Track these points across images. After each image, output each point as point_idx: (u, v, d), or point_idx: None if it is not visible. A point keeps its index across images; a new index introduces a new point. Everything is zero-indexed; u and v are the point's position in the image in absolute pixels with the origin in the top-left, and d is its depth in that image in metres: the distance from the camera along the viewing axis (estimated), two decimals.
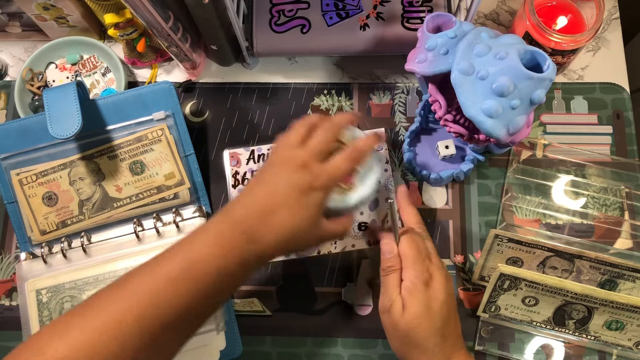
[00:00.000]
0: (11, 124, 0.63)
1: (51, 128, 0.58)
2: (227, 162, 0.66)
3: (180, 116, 0.64)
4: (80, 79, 0.69)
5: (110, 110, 0.64)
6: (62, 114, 0.59)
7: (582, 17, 0.64)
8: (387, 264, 0.54)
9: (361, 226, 0.64)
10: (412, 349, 0.51)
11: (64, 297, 0.59)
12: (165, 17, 0.57)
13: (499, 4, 0.73)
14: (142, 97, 0.64)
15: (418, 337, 0.50)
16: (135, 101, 0.64)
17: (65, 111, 0.59)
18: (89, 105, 0.63)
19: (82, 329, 0.40)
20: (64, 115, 0.58)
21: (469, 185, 0.66)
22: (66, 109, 0.59)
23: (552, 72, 0.50)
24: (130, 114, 0.64)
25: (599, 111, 0.68)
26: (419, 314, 0.50)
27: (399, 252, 0.54)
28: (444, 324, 0.51)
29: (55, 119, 0.58)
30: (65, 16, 0.68)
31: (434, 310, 0.50)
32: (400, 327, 0.50)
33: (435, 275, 0.52)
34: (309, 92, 0.70)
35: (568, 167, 0.65)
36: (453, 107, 0.58)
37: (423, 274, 0.52)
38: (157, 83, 0.64)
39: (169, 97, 0.64)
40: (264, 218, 0.47)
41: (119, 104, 0.64)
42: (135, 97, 0.64)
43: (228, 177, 0.65)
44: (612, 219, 0.63)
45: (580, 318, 0.57)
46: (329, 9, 0.68)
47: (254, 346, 0.61)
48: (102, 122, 0.64)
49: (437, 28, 0.56)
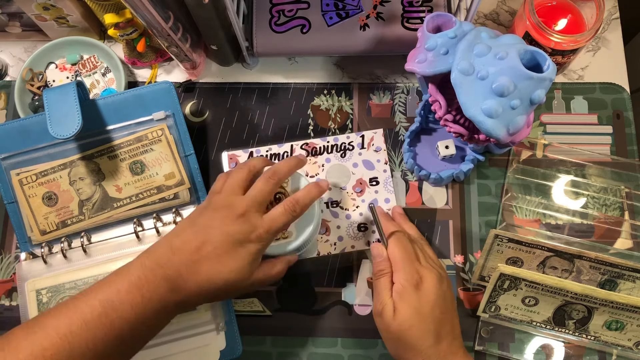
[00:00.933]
0: (11, 124, 0.63)
1: (51, 128, 0.58)
2: (226, 163, 0.66)
3: (180, 116, 0.64)
4: (80, 79, 0.69)
5: (110, 110, 0.64)
6: (62, 114, 0.59)
7: (582, 17, 0.64)
8: (378, 268, 0.54)
9: (360, 227, 0.64)
10: (406, 352, 0.51)
11: (64, 297, 0.59)
12: (165, 17, 0.57)
13: (499, 4, 0.73)
14: (142, 97, 0.64)
15: (411, 339, 0.50)
16: (135, 101, 0.64)
17: (65, 111, 0.59)
18: (89, 105, 0.63)
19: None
20: (64, 116, 0.58)
21: (469, 185, 0.66)
22: (66, 109, 0.59)
23: (552, 72, 0.50)
24: (130, 114, 0.64)
25: (599, 111, 0.68)
26: (409, 317, 0.50)
27: (388, 255, 0.54)
28: (437, 325, 0.51)
29: (55, 119, 0.58)
30: (65, 16, 0.68)
31: (425, 312, 0.50)
32: (392, 330, 0.50)
33: (426, 277, 0.52)
34: (309, 92, 0.70)
35: (568, 167, 0.65)
36: (453, 107, 0.58)
37: (413, 276, 0.52)
38: (157, 83, 0.64)
39: (169, 97, 0.64)
40: (191, 265, 0.45)
41: (119, 103, 0.64)
42: (135, 97, 0.64)
43: None
44: (612, 219, 0.63)
45: (580, 318, 0.57)
46: (329, 9, 0.68)
47: (254, 346, 0.61)
48: (102, 122, 0.64)
49: (437, 28, 0.56)
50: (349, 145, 0.67)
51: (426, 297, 0.51)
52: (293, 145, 0.67)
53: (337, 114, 0.69)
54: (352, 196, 0.65)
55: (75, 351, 0.41)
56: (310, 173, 0.66)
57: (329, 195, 0.65)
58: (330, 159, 0.66)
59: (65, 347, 0.41)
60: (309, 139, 0.67)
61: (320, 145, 0.67)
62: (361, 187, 0.66)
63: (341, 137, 0.67)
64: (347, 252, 0.63)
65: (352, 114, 0.69)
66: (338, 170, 0.66)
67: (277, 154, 0.67)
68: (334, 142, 0.67)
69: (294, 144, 0.67)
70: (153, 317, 0.44)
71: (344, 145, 0.67)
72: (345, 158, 0.66)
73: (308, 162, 0.66)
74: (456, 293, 0.62)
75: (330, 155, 0.67)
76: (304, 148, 0.67)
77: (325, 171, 0.66)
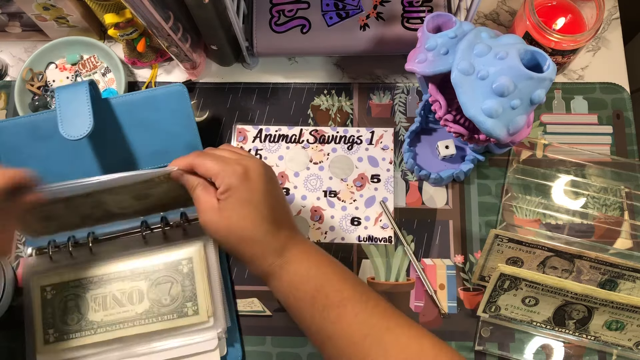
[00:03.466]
0: (21, 119, 0.61)
1: (62, 128, 0.56)
2: (234, 137, 0.68)
3: (192, 119, 0.63)
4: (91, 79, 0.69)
5: (123, 110, 0.62)
6: (74, 114, 0.57)
7: (582, 17, 0.64)
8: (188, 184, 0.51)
9: (354, 221, 0.64)
10: (242, 245, 0.48)
11: (68, 295, 0.59)
12: (165, 17, 0.57)
13: (499, 4, 0.73)
14: (154, 98, 0.62)
15: (245, 230, 0.47)
16: (148, 102, 0.62)
17: (77, 111, 0.57)
18: (101, 104, 0.61)
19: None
20: (76, 116, 0.57)
21: (469, 185, 0.66)
22: (78, 109, 0.57)
23: (552, 72, 0.50)
24: (141, 114, 0.62)
25: (599, 111, 0.68)
26: (240, 207, 0.47)
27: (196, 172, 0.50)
28: (273, 212, 0.48)
29: (67, 118, 0.57)
30: (65, 16, 0.68)
31: (257, 199, 0.47)
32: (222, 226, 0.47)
33: (250, 166, 0.48)
34: (309, 92, 0.70)
35: (568, 167, 0.65)
36: (453, 107, 0.58)
37: (236, 170, 0.48)
38: (171, 85, 0.63)
39: (181, 99, 0.63)
40: None
41: (131, 104, 0.62)
42: (148, 98, 0.62)
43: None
44: (612, 219, 0.63)
45: (580, 318, 0.57)
46: (329, 9, 0.68)
47: (254, 346, 0.61)
48: (114, 122, 0.62)
49: (437, 28, 0.56)
50: (357, 139, 0.68)
51: (255, 184, 0.48)
52: (303, 130, 0.68)
53: (337, 114, 0.69)
54: (351, 189, 0.66)
55: None
56: (315, 160, 0.67)
57: (329, 185, 0.66)
58: (337, 149, 0.67)
59: None
60: (318, 127, 0.69)
61: (329, 134, 0.68)
62: (362, 182, 0.66)
63: (351, 130, 0.68)
64: (347, 251, 0.63)
65: (352, 114, 0.69)
66: (342, 162, 0.67)
67: (285, 135, 0.68)
68: (344, 134, 0.68)
69: (304, 128, 0.68)
70: None
71: (352, 138, 0.68)
72: (351, 151, 0.67)
73: (314, 149, 0.67)
74: (456, 293, 0.62)
75: (337, 146, 0.67)
76: (312, 134, 0.68)
77: (330, 160, 0.67)
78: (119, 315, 0.59)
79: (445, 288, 0.62)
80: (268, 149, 0.68)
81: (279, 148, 0.68)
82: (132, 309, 0.59)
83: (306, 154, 0.67)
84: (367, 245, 0.64)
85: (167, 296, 0.59)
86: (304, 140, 0.68)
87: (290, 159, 0.67)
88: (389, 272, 0.63)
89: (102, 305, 0.59)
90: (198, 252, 0.60)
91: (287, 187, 0.67)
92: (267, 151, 0.68)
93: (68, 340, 0.58)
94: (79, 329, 0.58)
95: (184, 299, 0.59)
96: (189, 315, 0.58)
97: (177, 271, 0.59)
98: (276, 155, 0.68)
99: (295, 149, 0.68)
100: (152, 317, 0.58)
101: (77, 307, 0.59)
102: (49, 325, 0.59)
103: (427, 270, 0.63)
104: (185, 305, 0.59)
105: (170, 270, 0.60)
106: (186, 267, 0.59)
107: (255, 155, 0.67)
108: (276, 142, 0.68)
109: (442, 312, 0.61)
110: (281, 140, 0.68)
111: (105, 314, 0.59)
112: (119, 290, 0.59)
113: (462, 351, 0.60)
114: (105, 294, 0.59)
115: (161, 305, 0.59)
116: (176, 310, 0.58)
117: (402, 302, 0.62)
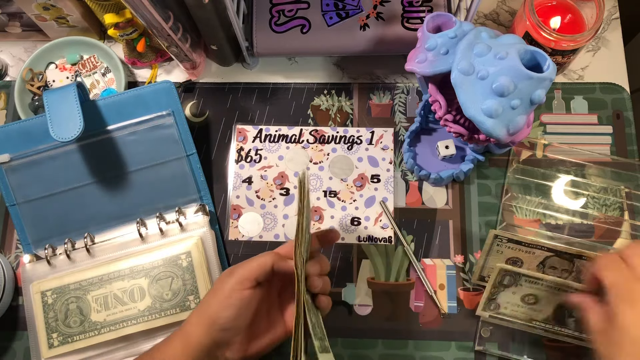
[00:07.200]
0: (11, 126, 0.63)
1: (52, 131, 0.57)
2: (234, 137, 0.68)
3: (181, 115, 0.64)
4: (80, 80, 0.69)
5: (112, 110, 0.64)
6: (64, 116, 0.58)
7: (582, 17, 0.64)
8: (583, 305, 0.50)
9: (354, 221, 0.64)
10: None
11: (69, 298, 0.59)
12: (165, 17, 0.57)
13: (499, 4, 0.73)
14: (142, 97, 0.64)
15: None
16: (136, 101, 0.64)
17: (67, 113, 0.58)
18: (89, 106, 0.63)
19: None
20: (65, 118, 0.58)
21: (469, 185, 0.66)
22: (67, 112, 0.58)
23: (552, 72, 0.50)
24: (131, 114, 0.64)
25: (599, 111, 0.68)
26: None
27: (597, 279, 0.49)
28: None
29: (57, 121, 0.58)
30: (65, 16, 0.68)
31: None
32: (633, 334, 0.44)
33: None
34: (309, 92, 0.70)
35: (568, 167, 0.65)
36: (453, 107, 0.58)
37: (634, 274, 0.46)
38: (158, 83, 0.65)
39: (169, 96, 0.64)
40: None
41: (119, 104, 0.64)
42: (136, 97, 0.64)
43: (232, 152, 0.67)
44: (612, 219, 0.63)
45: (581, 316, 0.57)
46: (329, 9, 0.68)
47: None
48: (103, 123, 0.63)
49: (437, 28, 0.56)
50: (357, 139, 0.68)
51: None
52: (303, 130, 0.68)
53: (337, 114, 0.69)
54: (351, 189, 0.66)
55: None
56: (315, 160, 0.67)
57: (329, 185, 0.66)
58: (337, 149, 0.67)
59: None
60: (318, 127, 0.69)
61: (329, 135, 0.68)
62: (362, 182, 0.66)
63: (351, 130, 0.68)
64: (347, 251, 0.63)
65: (352, 114, 0.69)
66: (342, 162, 0.67)
67: (285, 135, 0.68)
68: (344, 134, 0.68)
69: (304, 128, 0.68)
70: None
71: (352, 138, 0.68)
72: (351, 151, 0.67)
73: (314, 149, 0.67)
74: (456, 293, 0.62)
75: (337, 146, 0.68)
76: (312, 134, 0.68)
77: (330, 160, 0.67)
78: (121, 313, 0.59)
79: (445, 288, 0.62)
80: (268, 149, 0.68)
81: (279, 148, 0.68)
82: (135, 307, 0.59)
83: (306, 154, 0.68)
84: (367, 245, 0.64)
85: (169, 291, 0.59)
86: (304, 140, 0.68)
87: (290, 159, 0.68)
88: (388, 272, 0.63)
89: (103, 305, 0.59)
90: (196, 246, 0.60)
91: (287, 187, 0.67)
92: (267, 151, 0.68)
93: (72, 342, 0.58)
94: (83, 330, 0.59)
95: (185, 293, 0.59)
96: (192, 308, 0.58)
97: (176, 266, 0.60)
98: (276, 155, 0.68)
99: (295, 149, 0.68)
100: (155, 313, 0.59)
101: (79, 309, 0.59)
102: (52, 329, 0.59)
103: (427, 271, 0.63)
104: (187, 298, 0.59)
105: (169, 266, 0.60)
106: (185, 261, 0.60)
107: (255, 155, 0.67)
108: (276, 142, 0.68)
109: (442, 312, 0.61)
110: (281, 140, 0.68)
111: (107, 314, 0.59)
112: (119, 289, 0.59)
113: (462, 351, 0.60)
114: (106, 294, 0.59)
115: (163, 301, 0.59)
116: (178, 305, 0.59)
117: (402, 302, 0.62)
